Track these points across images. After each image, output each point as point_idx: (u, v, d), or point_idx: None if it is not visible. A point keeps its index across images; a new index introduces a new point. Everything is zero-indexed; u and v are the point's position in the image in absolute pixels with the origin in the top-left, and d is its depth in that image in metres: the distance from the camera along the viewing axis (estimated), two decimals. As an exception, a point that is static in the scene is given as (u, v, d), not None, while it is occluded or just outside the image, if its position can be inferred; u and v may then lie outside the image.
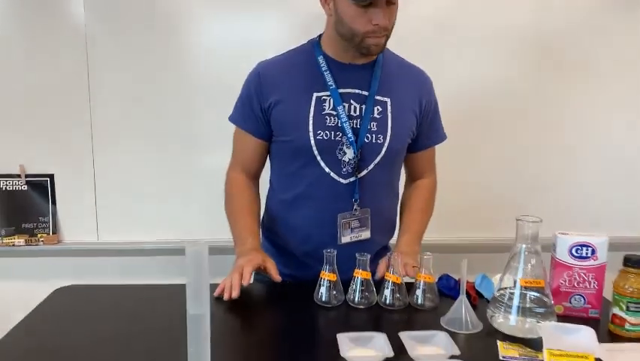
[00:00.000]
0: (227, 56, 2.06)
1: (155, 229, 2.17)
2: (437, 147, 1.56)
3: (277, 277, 1.31)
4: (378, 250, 1.48)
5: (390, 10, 1.28)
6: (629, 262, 1.11)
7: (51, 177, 2.15)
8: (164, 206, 2.16)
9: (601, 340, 1.07)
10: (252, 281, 1.39)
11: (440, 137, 1.54)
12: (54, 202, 2.16)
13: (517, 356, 1.02)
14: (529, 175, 2.19)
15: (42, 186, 2.15)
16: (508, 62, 2.13)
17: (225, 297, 1.24)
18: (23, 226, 2.15)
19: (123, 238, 2.18)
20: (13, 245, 2.13)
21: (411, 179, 1.60)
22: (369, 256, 1.25)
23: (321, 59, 1.39)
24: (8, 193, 2.13)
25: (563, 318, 1.16)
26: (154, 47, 2.07)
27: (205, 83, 2.08)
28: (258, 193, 1.53)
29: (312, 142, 1.35)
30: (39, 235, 2.15)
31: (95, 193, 2.17)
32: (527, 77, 2.14)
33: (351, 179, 1.38)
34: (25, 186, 2.14)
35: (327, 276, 1.25)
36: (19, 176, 2.12)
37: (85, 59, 2.07)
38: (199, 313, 0.79)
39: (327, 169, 1.37)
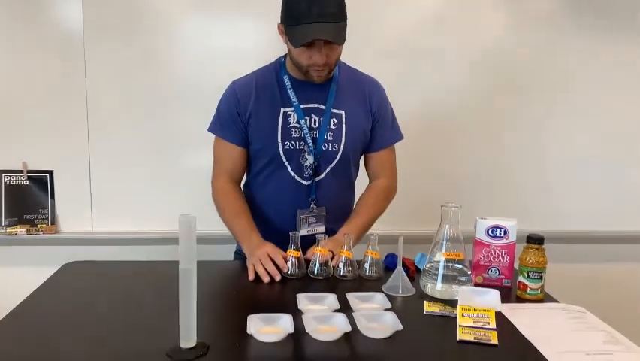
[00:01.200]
0: (212, 64, 2.31)
1: (145, 220, 2.40)
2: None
3: (285, 267, 1.50)
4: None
5: (332, 49, 1.49)
6: (530, 239, 1.40)
7: (50, 173, 2.38)
8: (153, 199, 2.40)
9: (509, 302, 1.36)
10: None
11: (394, 137, 1.74)
12: (53, 196, 2.39)
13: (437, 311, 1.29)
14: (480, 177, 2.50)
15: (42, 181, 2.38)
16: (477, 78, 2.44)
17: (267, 280, 1.46)
18: (25, 217, 2.37)
19: (115, 229, 2.41)
20: (16, 234, 2.35)
21: (370, 179, 1.79)
22: (326, 236, 1.52)
23: (286, 79, 1.63)
24: (11, 187, 2.36)
25: (483, 286, 1.43)
26: (148, 52, 2.32)
27: (195, 85, 2.32)
28: (243, 195, 1.74)
29: (281, 151, 1.61)
30: (39, 226, 2.38)
31: (90, 188, 2.40)
32: (477, 90, 2.45)
33: (310, 181, 1.63)
34: (27, 181, 2.37)
35: (292, 253, 1.51)
36: (21, 172, 2.35)
37: (83, 65, 2.30)
38: (188, 267, 1.05)
39: (292, 173, 1.63)
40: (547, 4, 2.43)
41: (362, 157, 1.78)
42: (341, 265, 1.51)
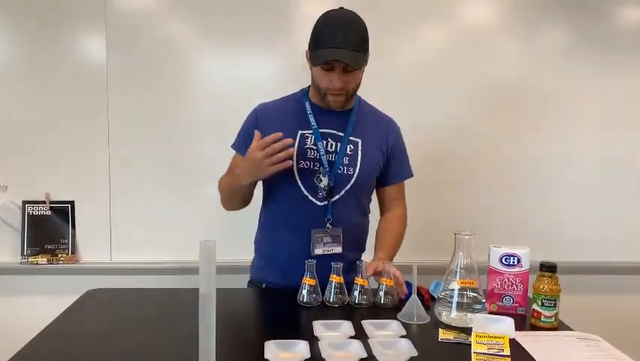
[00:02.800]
0: (228, 97, 2.40)
1: (163, 250, 2.45)
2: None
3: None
4: (348, 264, 1.68)
5: (350, 76, 1.60)
6: (543, 267, 1.42)
7: (72, 203, 2.45)
8: (171, 231, 2.46)
9: (524, 330, 1.37)
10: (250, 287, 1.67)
11: (406, 174, 1.84)
12: (74, 226, 2.45)
13: (452, 338, 1.31)
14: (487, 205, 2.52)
15: (63, 212, 2.45)
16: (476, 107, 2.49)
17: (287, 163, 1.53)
18: (46, 247, 2.43)
19: (134, 259, 2.46)
20: (37, 263, 2.41)
21: (383, 211, 1.87)
22: (342, 264, 1.55)
23: (307, 105, 1.73)
24: (34, 218, 2.42)
25: (497, 314, 1.44)
26: (169, 84, 2.41)
27: (211, 118, 2.41)
28: None
29: (295, 169, 1.67)
30: (59, 255, 2.43)
31: (109, 219, 2.46)
32: (489, 119, 2.50)
33: (325, 202, 1.68)
34: (49, 212, 2.43)
35: (307, 281, 1.54)
36: (44, 202, 2.42)
37: (105, 98, 2.39)
38: (208, 292, 1.08)
39: (305, 192, 1.68)
40: (558, 39, 2.50)
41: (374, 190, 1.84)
42: (356, 293, 1.53)
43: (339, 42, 1.53)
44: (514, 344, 1.27)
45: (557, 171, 2.55)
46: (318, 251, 1.68)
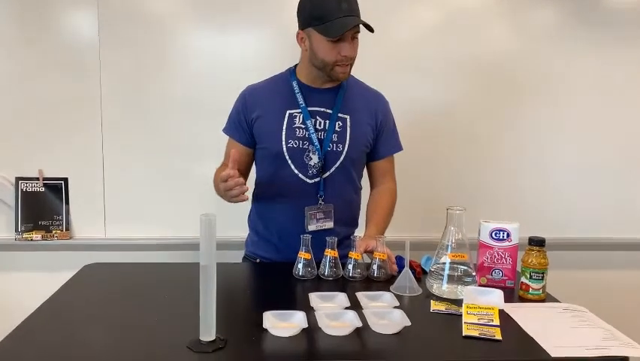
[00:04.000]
0: (222, 75, 2.39)
1: (156, 226, 2.47)
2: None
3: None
4: (341, 238, 1.75)
5: (354, 43, 1.64)
6: (532, 242, 1.46)
7: (65, 180, 2.45)
8: (164, 207, 2.47)
9: (512, 302, 1.42)
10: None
11: (395, 147, 1.87)
12: (67, 202, 2.46)
13: (444, 309, 1.35)
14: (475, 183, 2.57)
15: (57, 188, 2.45)
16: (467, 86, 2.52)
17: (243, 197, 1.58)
18: (40, 223, 2.44)
19: (127, 235, 2.48)
20: (31, 240, 2.42)
21: (373, 185, 1.90)
22: (336, 239, 1.59)
23: (294, 84, 1.74)
24: (28, 194, 2.43)
25: (487, 287, 1.49)
26: (161, 62, 2.40)
27: (206, 94, 2.40)
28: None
29: (284, 149, 1.69)
30: (54, 231, 2.44)
31: (103, 195, 2.47)
32: (479, 97, 2.53)
33: (317, 179, 1.71)
34: (43, 188, 2.44)
35: (303, 255, 1.58)
36: (37, 179, 2.42)
37: (98, 75, 2.38)
38: (209, 264, 1.11)
39: (296, 171, 1.71)
40: (550, 16, 2.52)
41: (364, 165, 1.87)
42: (350, 267, 1.57)
43: (347, 10, 1.57)
44: (503, 314, 1.32)
45: (548, 149, 2.59)
46: (312, 227, 1.71)
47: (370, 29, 1.59)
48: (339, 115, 1.73)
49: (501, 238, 1.51)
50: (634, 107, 2.60)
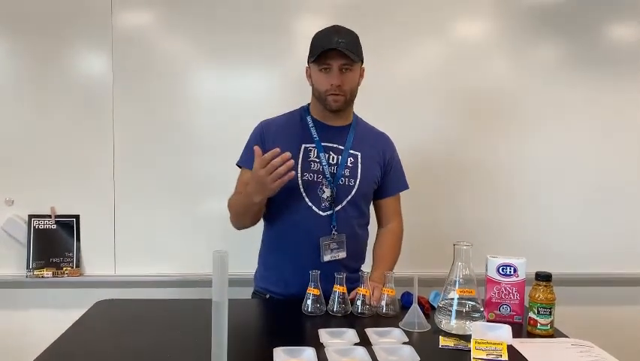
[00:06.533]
0: (229, 112, 2.47)
1: (165, 264, 2.50)
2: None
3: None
4: (351, 272, 1.76)
5: (346, 76, 1.71)
6: (539, 277, 1.48)
7: (77, 217, 2.50)
8: (173, 244, 2.51)
9: (521, 337, 1.42)
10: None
11: (402, 185, 1.93)
12: (78, 239, 2.49)
13: (452, 345, 1.36)
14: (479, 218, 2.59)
15: (68, 225, 2.49)
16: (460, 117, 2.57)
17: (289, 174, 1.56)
18: (51, 260, 2.47)
19: (137, 272, 2.50)
20: (42, 277, 2.45)
21: (380, 223, 1.94)
22: (345, 274, 1.61)
23: (309, 119, 1.81)
24: (40, 231, 2.47)
25: (495, 323, 1.49)
26: (173, 102, 2.48)
27: (213, 133, 2.48)
28: None
29: (300, 182, 1.73)
30: (64, 268, 2.47)
31: (113, 233, 2.51)
32: (483, 133, 2.58)
33: (329, 212, 1.75)
34: (55, 225, 2.48)
35: (312, 291, 1.59)
36: (49, 216, 2.47)
37: (110, 113, 2.46)
38: (221, 300, 1.14)
39: (309, 203, 1.75)
40: (549, 54, 2.58)
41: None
42: (359, 303, 1.58)
43: (334, 42, 1.66)
44: (511, 350, 1.33)
45: (550, 184, 2.62)
46: (327, 257, 1.74)
47: (353, 58, 1.67)
48: (351, 151, 1.79)
49: (508, 273, 1.53)
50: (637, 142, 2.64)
